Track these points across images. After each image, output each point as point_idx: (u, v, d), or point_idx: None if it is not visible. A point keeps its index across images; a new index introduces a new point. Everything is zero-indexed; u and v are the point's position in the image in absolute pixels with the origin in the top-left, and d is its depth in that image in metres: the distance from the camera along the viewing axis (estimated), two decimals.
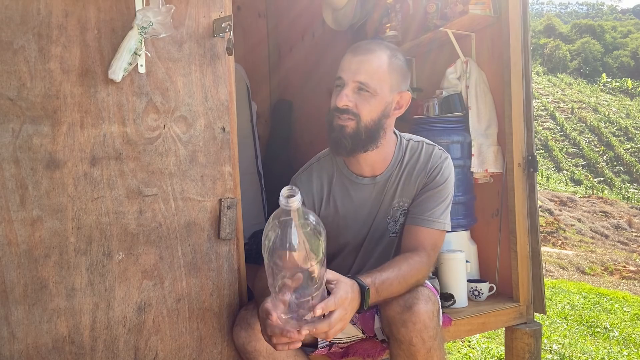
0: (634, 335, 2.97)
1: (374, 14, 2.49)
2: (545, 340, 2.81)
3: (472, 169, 1.92)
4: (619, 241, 7.45)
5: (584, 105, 19.46)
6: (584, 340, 2.86)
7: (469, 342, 2.76)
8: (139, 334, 1.20)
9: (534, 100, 12.63)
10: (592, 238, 7.46)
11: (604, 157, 15.70)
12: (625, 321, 3.32)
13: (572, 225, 7.85)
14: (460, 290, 1.77)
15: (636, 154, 15.69)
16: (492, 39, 1.94)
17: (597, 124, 17.42)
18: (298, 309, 0.92)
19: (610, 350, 2.69)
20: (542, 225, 7.38)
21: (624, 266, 5.72)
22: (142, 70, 1.19)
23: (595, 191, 12.00)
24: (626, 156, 15.42)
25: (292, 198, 0.86)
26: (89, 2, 1.14)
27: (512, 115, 1.83)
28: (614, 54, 32.77)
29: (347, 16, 2.47)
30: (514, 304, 1.82)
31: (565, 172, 14.53)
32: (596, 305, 3.72)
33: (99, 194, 1.15)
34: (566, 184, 13.10)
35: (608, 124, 17.78)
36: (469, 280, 1.84)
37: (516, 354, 1.80)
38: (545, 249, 6.34)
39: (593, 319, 3.30)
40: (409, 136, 1.42)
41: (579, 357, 2.57)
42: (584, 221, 8.22)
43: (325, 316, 0.95)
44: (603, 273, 5.53)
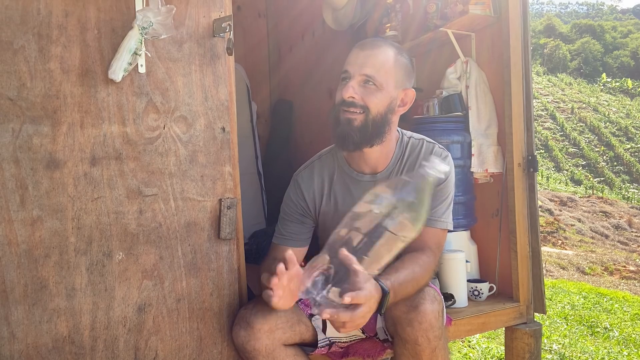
0: (634, 335, 2.97)
1: (374, 14, 2.49)
2: (545, 340, 2.81)
3: (472, 169, 1.92)
4: (619, 241, 7.45)
5: (584, 105, 19.46)
6: (584, 340, 2.86)
7: (469, 342, 2.76)
8: (139, 334, 1.20)
9: (534, 100, 12.63)
10: (592, 238, 7.46)
11: (604, 157, 15.70)
12: (625, 321, 3.32)
13: (572, 225, 7.85)
14: (460, 290, 1.77)
15: (636, 154, 15.69)
16: (492, 39, 1.94)
17: (597, 124, 17.42)
18: (322, 288, 0.92)
19: (610, 350, 2.69)
20: (542, 225, 7.38)
21: (624, 266, 5.72)
22: (142, 70, 1.19)
23: (595, 191, 12.00)
24: (626, 156, 15.43)
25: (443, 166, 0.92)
26: (89, 2, 1.14)
27: (512, 115, 1.83)
28: (614, 54, 32.77)
29: (347, 16, 2.47)
30: (514, 304, 1.82)
31: (565, 172, 14.53)
32: (596, 305, 3.72)
33: (99, 194, 1.15)
34: (566, 184, 13.10)
35: (608, 124, 17.78)
36: (469, 280, 1.84)
37: (516, 354, 1.80)
38: (545, 249, 6.34)
39: (593, 319, 3.30)
40: (410, 134, 1.42)
41: (579, 357, 2.57)
42: (584, 221, 8.22)
43: (349, 307, 0.95)
44: (603, 273, 5.53)
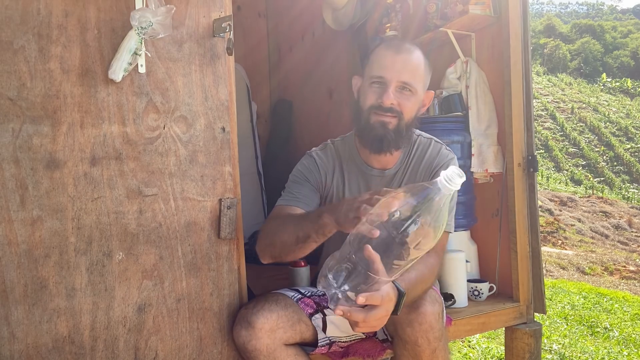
0: (634, 335, 2.97)
1: (374, 14, 2.49)
2: (545, 340, 2.81)
3: (472, 169, 1.92)
4: (619, 241, 7.45)
5: (584, 105, 19.45)
6: (584, 340, 2.86)
7: (469, 342, 2.76)
8: (139, 334, 1.20)
9: (534, 100, 12.63)
10: (592, 238, 7.46)
11: (604, 157, 15.69)
12: (625, 321, 3.32)
13: (572, 225, 7.85)
14: (460, 290, 1.77)
15: (636, 154, 15.69)
16: (492, 39, 1.94)
17: (597, 124, 17.42)
18: (344, 282, 0.89)
19: (610, 350, 2.69)
20: (542, 225, 7.38)
21: (624, 266, 5.72)
22: (142, 70, 1.19)
23: (595, 191, 12.00)
24: (626, 156, 15.42)
25: (461, 179, 0.82)
26: (89, 2, 1.13)
27: (512, 115, 1.82)
28: (614, 54, 32.76)
29: (347, 16, 2.47)
30: (514, 304, 1.81)
31: (565, 172, 14.53)
32: (596, 305, 3.72)
33: (99, 194, 1.15)
34: (566, 184, 13.10)
35: (608, 124, 17.78)
36: (469, 280, 1.84)
37: (516, 354, 1.80)
38: (545, 249, 6.34)
39: (593, 319, 3.30)
40: (419, 132, 1.43)
41: (579, 357, 2.57)
42: (584, 221, 8.22)
43: (364, 308, 0.92)
44: (603, 273, 5.53)
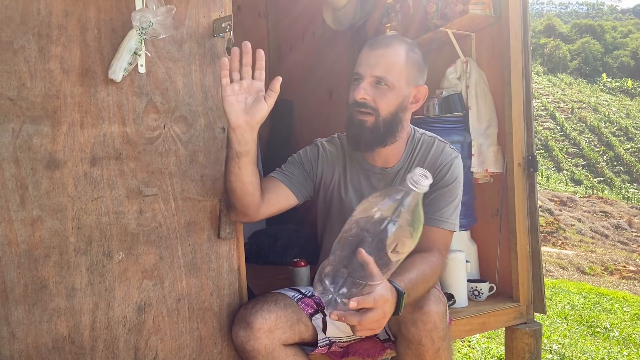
0: (634, 335, 2.97)
1: (374, 14, 2.49)
2: (545, 340, 2.81)
3: (472, 169, 1.92)
4: (619, 241, 7.45)
5: (584, 105, 19.45)
6: (584, 340, 2.86)
7: (469, 342, 2.76)
8: (139, 334, 1.20)
9: (534, 100, 12.63)
10: (592, 238, 7.46)
11: (604, 157, 15.69)
12: (625, 321, 3.32)
13: (572, 225, 7.85)
14: (460, 290, 1.77)
15: (636, 154, 15.69)
16: (492, 39, 1.94)
17: (597, 124, 17.42)
18: (343, 285, 0.88)
19: (610, 350, 2.69)
20: (542, 225, 7.38)
21: (624, 266, 5.72)
22: (142, 70, 1.19)
23: (595, 191, 12.00)
24: (626, 156, 15.42)
25: (427, 181, 0.83)
26: (89, 2, 1.14)
27: (512, 115, 1.83)
28: (614, 54, 32.76)
29: (347, 16, 2.47)
30: (514, 304, 1.82)
31: (565, 172, 14.53)
32: (596, 305, 3.72)
33: (99, 194, 1.15)
34: (566, 184, 13.10)
35: (608, 124, 17.78)
36: (469, 280, 1.84)
37: (516, 354, 1.80)
38: (545, 249, 6.34)
39: (593, 319, 3.30)
40: (422, 131, 1.42)
41: (579, 357, 2.57)
42: (584, 221, 8.22)
43: (359, 311, 0.92)
44: (603, 273, 5.53)
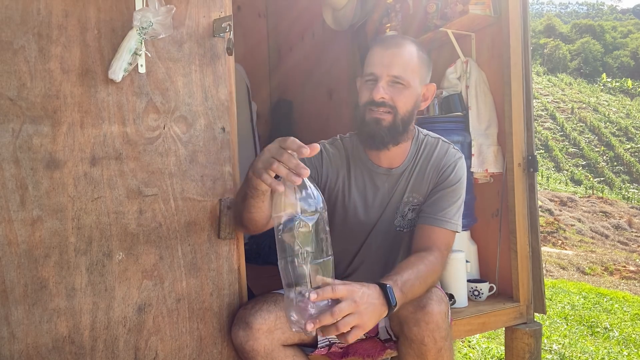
0: (634, 335, 2.97)
1: (374, 14, 2.49)
2: (545, 340, 2.81)
3: (472, 169, 1.92)
4: (619, 241, 7.45)
5: (584, 105, 19.46)
6: (584, 340, 2.86)
7: (469, 342, 2.76)
8: (139, 334, 1.20)
9: (534, 100, 12.63)
10: (592, 238, 7.47)
11: (604, 157, 15.70)
12: (625, 321, 3.32)
13: (572, 225, 7.85)
14: (460, 290, 1.77)
15: (636, 154, 15.70)
16: (492, 39, 1.94)
17: (597, 124, 17.43)
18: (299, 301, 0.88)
19: (610, 350, 2.69)
20: (542, 225, 7.39)
21: (624, 266, 5.72)
22: (142, 70, 1.19)
23: (595, 191, 12.00)
24: (626, 156, 15.43)
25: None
26: (89, 2, 1.13)
27: (512, 115, 1.83)
28: (614, 54, 32.78)
29: (347, 16, 2.47)
30: (514, 304, 1.82)
31: (565, 172, 14.54)
32: (596, 305, 3.72)
33: (99, 194, 1.15)
34: (566, 184, 13.10)
35: (608, 124, 17.78)
36: (469, 280, 1.84)
37: (516, 354, 1.80)
38: (545, 249, 6.34)
39: (593, 319, 3.30)
40: (426, 132, 1.42)
41: (579, 357, 2.57)
42: (584, 221, 8.23)
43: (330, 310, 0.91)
44: (603, 273, 5.53)
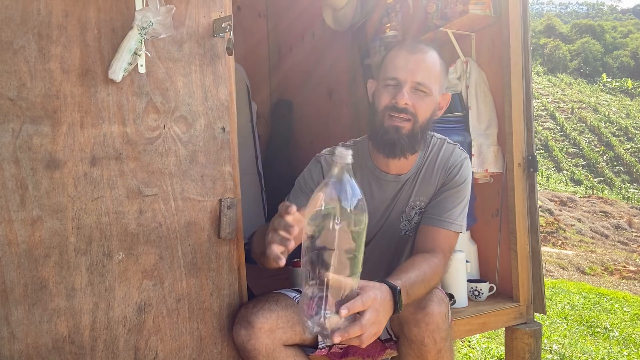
0: (634, 335, 2.97)
1: (374, 14, 2.49)
2: (545, 340, 2.81)
3: (472, 169, 1.92)
4: (619, 241, 7.46)
5: (584, 105, 19.47)
6: (584, 340, 2.86)
7: (469, 342, 2.76)
8: (139, 334, 1.20)
9: (534, 100, 12.63)
10: (592, 238, 7.47)
11: (604, 157, 15.71)
12: (625, 321, 3.32)
13: (572, 225, 7.85)
14: (460, 290, 1.77)
15: (636, 154, 15.70)
16: (492, 39, 1.94)
17: (597, 124, 17.43)
18: (316, 310, 0.83)
19: (610, 350, 2.69)
20: (542, 225, 7.39)
21: (624, 266, 5.72)
22: (142, 70, 1.19)
23: (595, 191, 12.00)
24: (626, 156, 15.43)
25: (348, 151, 0.80)
26: (89, 2, 1.13)
27: (512, 115, 1.83)
28: (614, 54, 32.78)
29: (347, 16, 2.47)
30: (514, 304, 1.82)
31: (565, 172, 14.54)
32: (596, 305, 3.72)
33: (99, 194, 1.15)
34: (566, 184, 13.10)
35: (608, 124, 17.79)
36: (469, 280, 1.84)
37: (516, 354, 1.80)
38: (545, 249, 6.34)
39: (593, 319, 3.30)
40: (432, 133, 1.41)
41: (579, 357, 2.57)
42: (584, 221, 8.23)
43: (356, 321, 0.88)
44: (603, 273, 5.53)
